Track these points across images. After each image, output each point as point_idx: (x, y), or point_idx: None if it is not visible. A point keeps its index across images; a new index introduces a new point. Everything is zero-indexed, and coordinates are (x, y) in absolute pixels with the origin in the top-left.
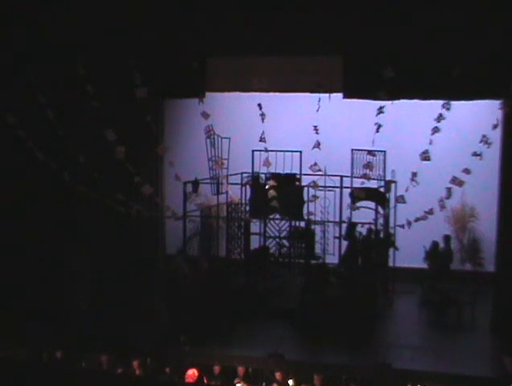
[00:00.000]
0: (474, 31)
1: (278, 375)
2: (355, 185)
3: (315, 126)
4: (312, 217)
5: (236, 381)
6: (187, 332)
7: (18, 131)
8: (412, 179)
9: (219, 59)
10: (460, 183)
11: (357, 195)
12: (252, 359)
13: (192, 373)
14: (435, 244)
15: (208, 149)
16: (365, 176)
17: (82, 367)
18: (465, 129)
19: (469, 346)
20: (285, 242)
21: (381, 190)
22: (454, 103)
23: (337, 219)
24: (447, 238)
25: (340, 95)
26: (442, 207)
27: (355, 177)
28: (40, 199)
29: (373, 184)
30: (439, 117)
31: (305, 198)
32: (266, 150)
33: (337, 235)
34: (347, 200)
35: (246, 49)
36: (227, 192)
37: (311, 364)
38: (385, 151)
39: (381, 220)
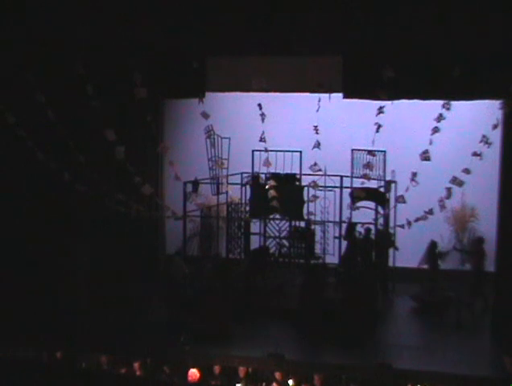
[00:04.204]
0: (474, 31)
1: (278, 375)
2: (355, 185)
3: (316, 126)
4: (312, 217)
5: (236, 381)
6: (187, 332)
7: (18, 131)
8: (412, 179)
9: (219, 59)
10: (460, 183)
11: (357, 195)
12: (252, 359)
13: (193, 373)
14: (433, 244)
15: (208, 149)
16: (365, 176)
17: (82, 367)
18: (465, 129)
19: (469, 346)
20: (285, 242)
21: (381, 190)
22: (454, 103)
23: (337, 219)
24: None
25: (340, 95)
26: (442, 207)
27: (355, 177)
28: (40, 199)
29: (373, 184)
30: (439, 117)
31: (305, 198)
32: (266, 150)
33: (337, 235)
34: (347, 200)
35: (246, 49)
36: (227, 192)
37: (311, 364)
38: (385, 151)
39: (381, 220)
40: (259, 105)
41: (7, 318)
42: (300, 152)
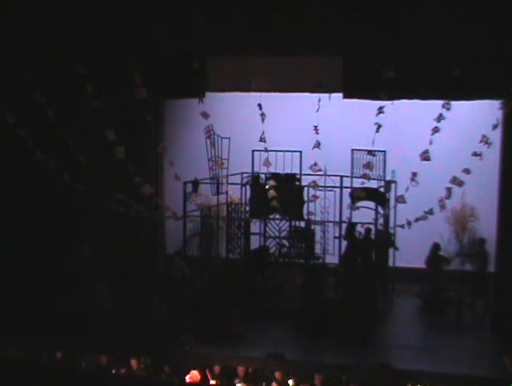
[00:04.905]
0: (474, 31)
1: (278, 375)
2: (355, 185)
3: (315, 126)
4: (312, 217)
5: (236, 381)
6: (188, 332)
7: (18, 131)
8: (412, 179)
9: (219, 59)
10: (460, 183)
11: (357, 195)
12: (252, 359)
13: (193, 375)
14: (436, 246)
15: (208, 149)
16: (365, 176)
17: (82, 367)
18: (465, 129)
19: (469, 346)
20: (285, 242)
21: (381, 190)
22: (454, 103)
23: (337, 219)
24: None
25: (340, 95)
26: (442, 207)
27: (355, 177)
28: (40, 199)
29: (373, 184)
30: (439, 117)
31: (305, 198)
32: (266, 150)
33: (337, 235)
34: (347, 200)
35: (246, 49)
36: (227, 192)
37: (311, 364)
38: (385, 151)
39: (381, 220)
40: (259, 105)
41: (8, 319)
42: (300, 152)
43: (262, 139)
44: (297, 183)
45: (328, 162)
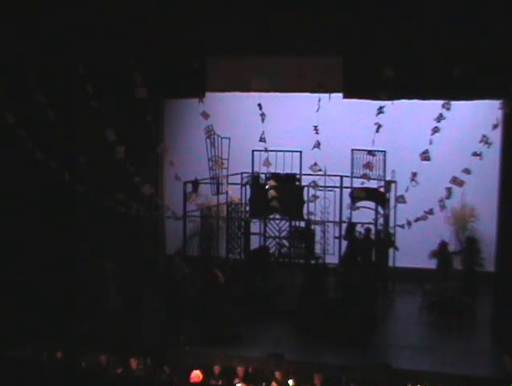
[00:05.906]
0: (474, 31)
1: (278, 375)
2: (355, 185)
3: (315, 126)
4: (312, 217)
5: (236, 381)
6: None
7: (18, 131)
8: (412, 179)
9: (219, 59)
10: (460, 183)
11: (357, 195)
12: (252, 359)
13: (195, 375)
14: (444, 246)
15: (208, 149)
16: (365, 176)
17: (82, 367)
18: (465, 129)
19: (469, 346)
20: (285, 242)
21: (381, 190)
22: (454, 103)
23: (337, 219)
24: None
25: (340, 95)
26: (442, 207)
27: (355, 177)
28: (40, 199)
29: (373, 184)
30: (439, 117)
31: (305, 198)
32: (266, 150)
33: (337, 235)
34: (347, 200)
35: (246, 49)
36: (227, 192)
37: (311, 364)
38: (385, 151)
39: (381, 220)
40: (259, 105)
41: (8, 319)
42: (300, 152)
43: (262, 139)
44: (297, 183)
45: (328, 162)
